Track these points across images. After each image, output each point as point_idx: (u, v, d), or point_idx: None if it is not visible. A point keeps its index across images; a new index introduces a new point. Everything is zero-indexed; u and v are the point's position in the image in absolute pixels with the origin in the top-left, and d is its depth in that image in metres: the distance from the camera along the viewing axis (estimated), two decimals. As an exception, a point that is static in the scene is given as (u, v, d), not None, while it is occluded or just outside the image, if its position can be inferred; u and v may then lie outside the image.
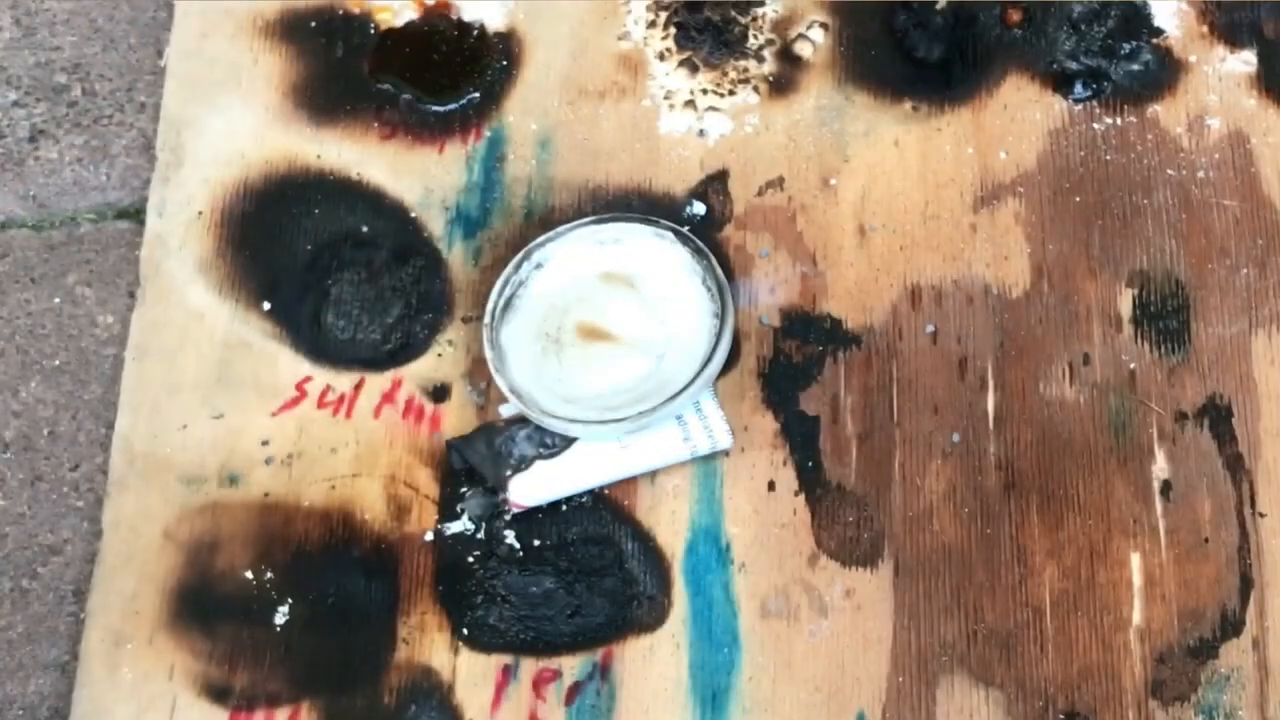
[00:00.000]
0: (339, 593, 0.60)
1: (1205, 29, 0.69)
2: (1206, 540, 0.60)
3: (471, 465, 0.61)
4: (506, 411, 0.62)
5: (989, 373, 0.63)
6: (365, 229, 0.67)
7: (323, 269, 0.66)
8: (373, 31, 0.71)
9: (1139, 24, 0.69)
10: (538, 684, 0.59)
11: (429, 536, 0.61)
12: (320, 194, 0.68)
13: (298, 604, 0.60)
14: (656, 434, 0.61)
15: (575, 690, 0.59)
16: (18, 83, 0.72)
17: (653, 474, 0.61)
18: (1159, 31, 0.69)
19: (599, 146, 0.68)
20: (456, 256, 0.66)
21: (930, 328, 0.64)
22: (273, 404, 0.64)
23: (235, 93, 0.69)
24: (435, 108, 0.69)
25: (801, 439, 0.62)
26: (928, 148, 0.67)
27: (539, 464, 0.61)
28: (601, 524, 0.61)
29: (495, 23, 0.71)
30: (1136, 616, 0.59)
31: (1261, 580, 0.59)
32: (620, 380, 0.61)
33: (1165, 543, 0.60)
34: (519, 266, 0.63)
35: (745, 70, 0.69)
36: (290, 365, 0.64)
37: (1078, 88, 0.68)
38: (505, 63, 0.70)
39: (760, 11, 0.70)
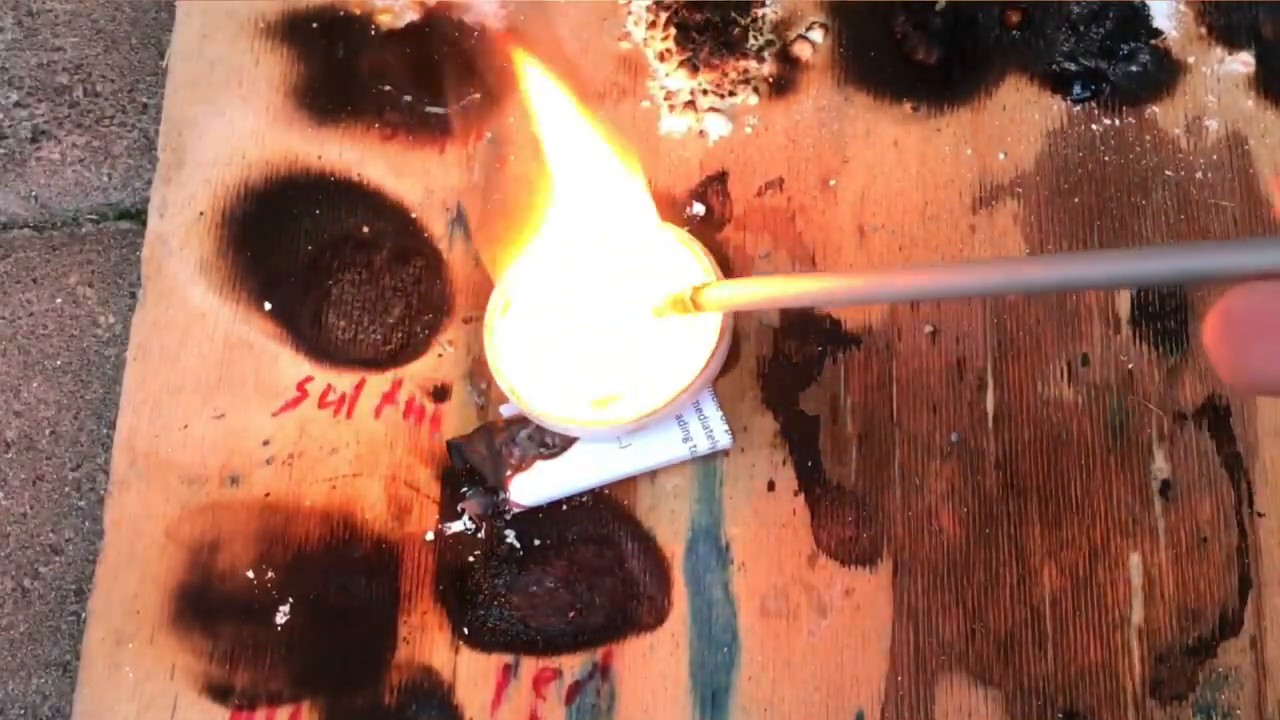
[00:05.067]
0: (340, 592, 0.60)
1: (1204, 30, 0.69)
2: (1205, 540, 0.60)
3: (472, 465, 0.62)
4: (507, 411, 0.62)
5: (988, 373, 0.63)
6: (366, 229, 0.67)
7: (323, 269, 0.66)
8: (374, 33, 0.71)
9: (1137, 25, 0.69)
10: (538, 683, 0.59)
11: (429, 536, 0.61)
12: (321, 195, 0.68)
13: (298, 603, 0.60)
14: (656, 434, 0.61)
15: (575, 689, 0.59)
16: (19, 83, 0.72)
17: (653, 474, 0.62)
18: (1157, 33, 0.69)
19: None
20: (457, 257, 0.66)
21: (929, 328, 0.64)
22: (274, 404, 0.64)
23: (236, 94, 0.70)
24: (436, 109, 0.69)
25: (801, 439, 0.62)
26: (927, 148, 0.67)
27: (539, 464, 0.61)
28: (601, 524, 0.61)
29: (496, 24, 0.71)
30: (1135, 616, 0.59)
31: (1260, 580, 0.59)
32: (620, 380, 0.61)
33: (1164, 542, 0.60)
34: (519, 266, 0.63)
35: (745, 71, 0.69)
36: (291, 365, 0.64)
37: (1076, 89, 0.68)
38: (506, 64, 0.70)
39: (760, 12, 0.70)
